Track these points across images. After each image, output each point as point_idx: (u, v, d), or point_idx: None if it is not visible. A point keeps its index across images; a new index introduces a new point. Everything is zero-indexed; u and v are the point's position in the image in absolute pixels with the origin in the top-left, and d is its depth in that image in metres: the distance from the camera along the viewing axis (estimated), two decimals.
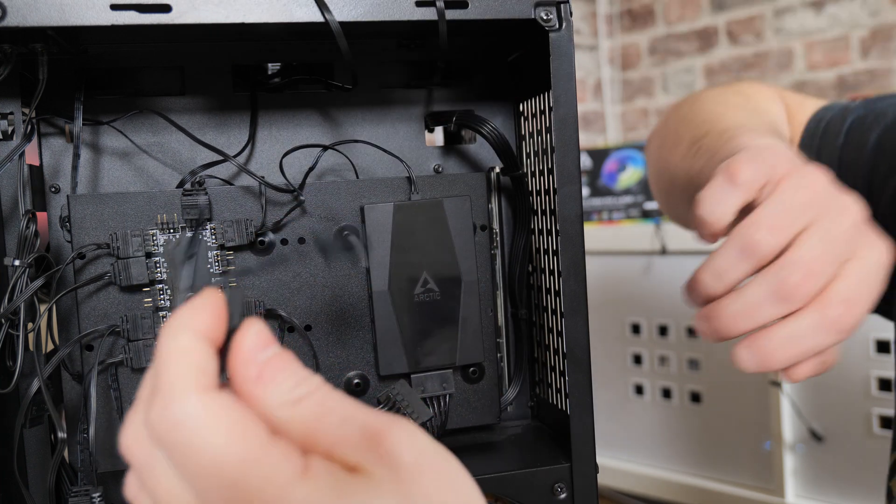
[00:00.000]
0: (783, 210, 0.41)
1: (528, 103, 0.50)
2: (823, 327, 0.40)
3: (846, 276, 0.41)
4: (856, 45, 2.07)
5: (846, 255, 0.41)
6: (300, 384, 0.27)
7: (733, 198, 0.42)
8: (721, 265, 0.42)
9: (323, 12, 0.40)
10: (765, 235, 0.40)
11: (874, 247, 0.42)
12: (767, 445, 1.54)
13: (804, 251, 0.40)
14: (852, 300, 0.40)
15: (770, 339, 0.41)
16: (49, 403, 0.40)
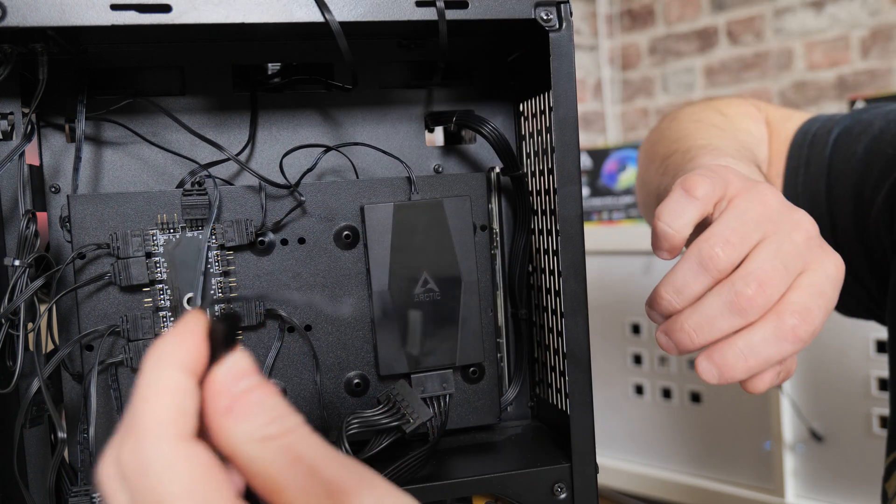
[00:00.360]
0: (738, 225, 0.42)
1: (528, 103, 0.50)
2: (780, 337, 0.41)
3: (800, 287, 0.42)
4: (856, 45, 2.07)
5: (799, 268, 0.42)
6: (273, 422, 0.26)
7: (691, 211, 0.43)
8: (680, 280, 0.43)
9: (323, 12, 0.40)
10: (722, 249, 0.41)
11: (826, 259, 0.43)
12: (767, 445, 1.54)
13: (757, 264, 0.41)
14: (807, 310, 0.41)
15: (728, 351, 0.42)
16: (49, 403, 0.40)
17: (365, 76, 0.50)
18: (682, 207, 0.43)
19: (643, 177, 0.70)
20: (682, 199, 0.43)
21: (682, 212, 0.43)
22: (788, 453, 1.51)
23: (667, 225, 0.43)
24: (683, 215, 0.43)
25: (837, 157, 0.63)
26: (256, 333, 0.46)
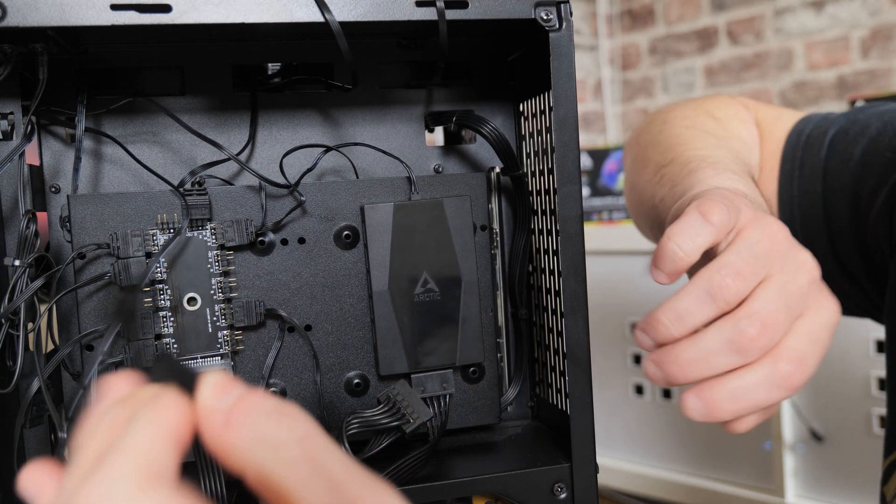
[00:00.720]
0: (749, 257, 0.41)
1: (528, 103, 0.50)
2: (773, 383, 0.40)
3: (798, 332, 0.41)
4: (856, 45, 2.07)
5: (799, 311, 0.41)
6: (282, 424, 0.24)
7: (705, 236, 0.42)
8: (684, 307, 0.41)
9: (323, 12, 0.40)
10: (733, 280, 0.40)
11: (825, 306, 0.42)
12: (767, 445, 1.54)
13: (762, 304, 0.40)
14: (802, 358, 0.40)
15: (719, 391, 0.40)
16: (49, 403, 0.40)
17: (365, 76, 0.50)
18: (695, 231, 0.41)
19: (633, 182, 0.69)
20: (698, 222, 0.42)
21: (696, 236, 0.41)
22: (788, 453, 1.51)
23: (678, 247, 0.42)
24: (696, 239, 0.41)
25: (834, 159, 0.63)
26: (256, 333, 0.46)
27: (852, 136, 0.63)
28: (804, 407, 1.49)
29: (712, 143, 0.61)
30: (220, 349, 0.45)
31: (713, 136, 0.63)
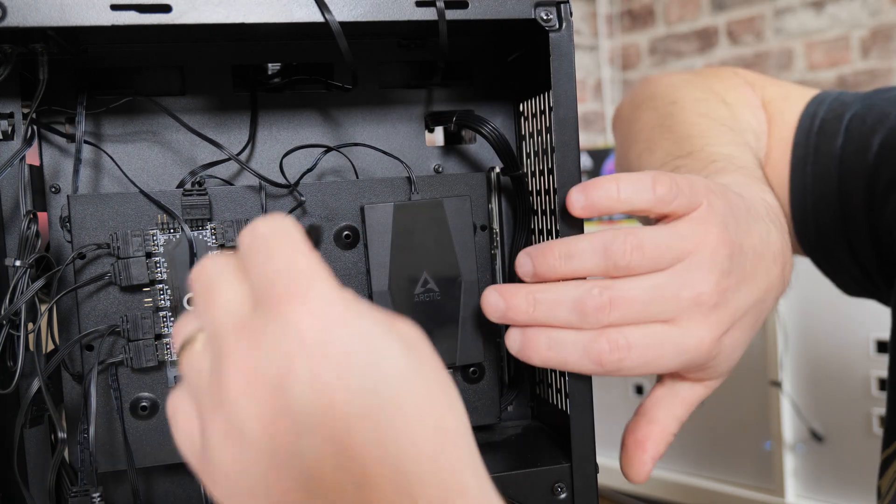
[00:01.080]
0: (661, 242, 0.41)
1: (528, 103, 0.50)
2: (586, 352, 0.40)
3: (644, 330, 0.41)
4: (856, 45, 2.07)
5: (664, 317, 0.41)
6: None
7: (643, 198, 0.41)
8: (577, 248, 0.41)
9: (323, 12, 0.40)
10: (630, 252, 0.40)
11: (695, 334, 0.41)
12: (767, 445, 1.54)
13: (628, 286, 0.40)
14: (626, 347, 0.40)
15: (539, 333, 0.41)
16: (49, 403, 0.40)
17: (365, 76, 0.50)
18: (639, 189, 0.41)
19: (631, 161, 0.66)
20: (646, 183, 0.41)
21: (636, 192, 0.41)
22: (788, 453, 1.51)
23: (616, 187, 0.41)
24: (634, 196, 0.41)
25: (850, 147, 0.61)
26: None
27: (870, 124, 0.61)
28: (804, 407, 1.49)
29: (731, 138, 0.60)
30: None
31: (729, 128, 0.62)
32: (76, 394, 0.45)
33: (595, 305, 0.40)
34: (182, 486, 0.48)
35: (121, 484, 0.46)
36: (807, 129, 0.64)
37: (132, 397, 0.44)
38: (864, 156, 0.60)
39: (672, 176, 0.42)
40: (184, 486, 0.48)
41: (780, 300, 0.50)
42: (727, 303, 0.42)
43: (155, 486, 0.47)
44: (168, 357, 0.44)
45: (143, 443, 0.45)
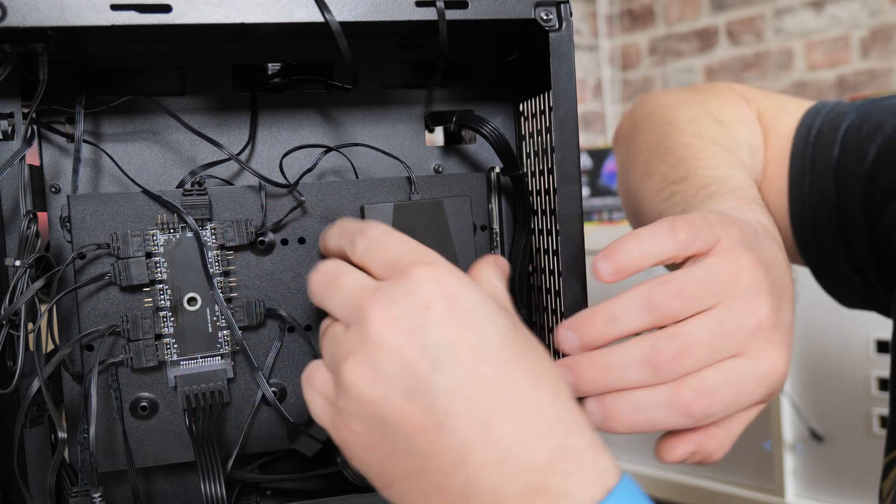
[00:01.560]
0: (700, 281, 0.40)
1: (528, 103, 0.50)
2: (672, 406, 0.39)
3: (719, 368, 0.40)
4: (856, 45, 2.07)
5: (732, 352, 0.40)
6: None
7: (664, 246, 0.41)
8: (621, 310, 0.40)
9: (323, 12, 0.40)
10: (675, 298, 0.40)
11: (766, 358, 0.40)
12: (767, 445, 1.54)
13: (692, 329, 0.39)
14: (709, 392, 0.39)
15: (619, 401, 0.40)
16: (49, 404, 0.40)
17: (365, 76, 0.50)
18: (660, 240, 0.41)
19: (631, 186, 0.66)
20: (665, 233, 0.41)
21: (658, 245, 0.41)
22: (788, 453, 1.51)
23: (637, 244, 0.41)
24: (658, 248, 0.41)
25: (847, 156, 0.61)
26: (256, 333, 0.46)
27: (866, 133, 0.61)
28: (804, 407, 1.49)
29: (724, 158, 0.60)
30: (221, 349, 0.45)
31: (723, 147, 0.62)
32: (76, 394, 0.45)
33: (667, 357, 0.39)
34: (182, 487, 0.48)
35: (121, 484, 0.46)
36: (803, 141, 0.64)
37: (132, 397, 0.44)
38: (861, 164, 0.60)
39: (688, 218, 0.42)
40: (183, 486, 0.48)
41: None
42: (782, 321, 0.42)
43: (154, 486, 0.47)
44: (168, 357, 0.44)
45: (142, 443, 0.45)
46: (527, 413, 0.32)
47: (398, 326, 0.32)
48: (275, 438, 0.47)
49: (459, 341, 0.32)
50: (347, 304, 0.35)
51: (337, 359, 0.34)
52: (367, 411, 0.33)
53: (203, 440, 0.43)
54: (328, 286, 0.37)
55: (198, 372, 0.45)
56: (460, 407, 0.31)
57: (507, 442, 0.31)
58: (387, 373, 0.32)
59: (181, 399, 0.44)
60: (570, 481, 0.31)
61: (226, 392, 0.45)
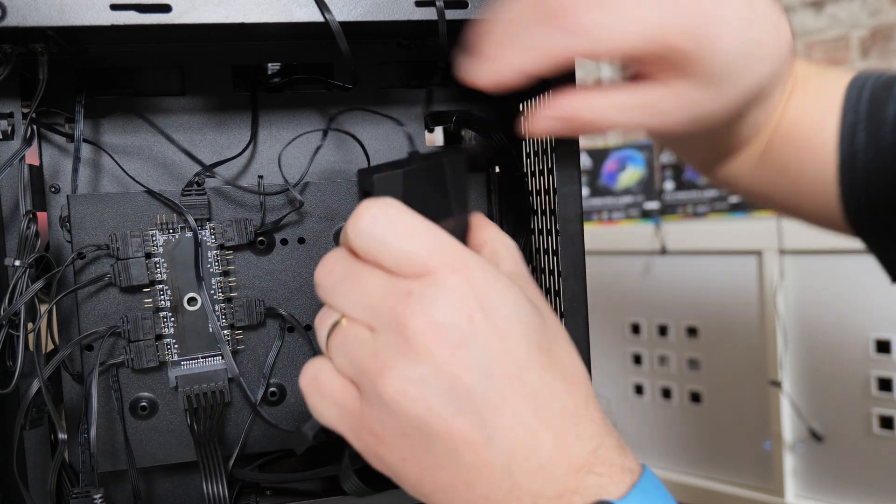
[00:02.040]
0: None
1: (529, 103, 0.50)
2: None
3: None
4: (856, 45, 2.07)
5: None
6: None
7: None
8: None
9: (323, 12, 0.40)
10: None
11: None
12: (767, 445, 1.54)
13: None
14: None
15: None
16: (49, 405, 0.40)
17: (365, 76, 0.50)
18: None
19: None
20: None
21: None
22: (788, 453, 1.51)
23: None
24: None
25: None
26: (257, 333, 0.46)
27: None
28: (804, 407, 1.49)
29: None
30: (221, 349, 0.45)
31: None
32: (76, 394, 0.45)
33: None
34: (181, 486, 0.48)
35: (120, 484, 0.46)
36: (855, 99, 0.59)
37: (132, 397, 0.44)
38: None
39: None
40: (182, 486, 0.48)
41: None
42: None
43: (154, 486, 0.47)
44: (169, 357, 0.44)
45: (142, 443, 0.44)
46: (566, 418, 0.32)
47: (443, 340, 0.31)
48: (275, 438, 0.47)
49: (503, 352, 0.31)
50: (373, 309, 0.32)
51: (368, 369, 0.32)
52: (409, 426, 0.32)
53: (205, 440, 0.43)
54: (340, 285, 0.34)
55: (199, 372, 0.45)
56: (508, 419, 0.31)
57: (549, 447, 0.32)
58: (433, 388, 0.31)
59: (182, 399, 0.44)
60: (602, 481, 0.32)
61: (227, 392, 0.45)
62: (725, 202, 1.89)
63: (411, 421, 0.31)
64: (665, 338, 1.69)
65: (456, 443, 0.31)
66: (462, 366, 0.31)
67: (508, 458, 0.31)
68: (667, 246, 1.65)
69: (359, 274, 0.33)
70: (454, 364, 0.31)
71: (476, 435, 0.31)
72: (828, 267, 1.44)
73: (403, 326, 0.31)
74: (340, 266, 0.34)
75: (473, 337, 0.31)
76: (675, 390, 1.69)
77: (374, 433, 0.33)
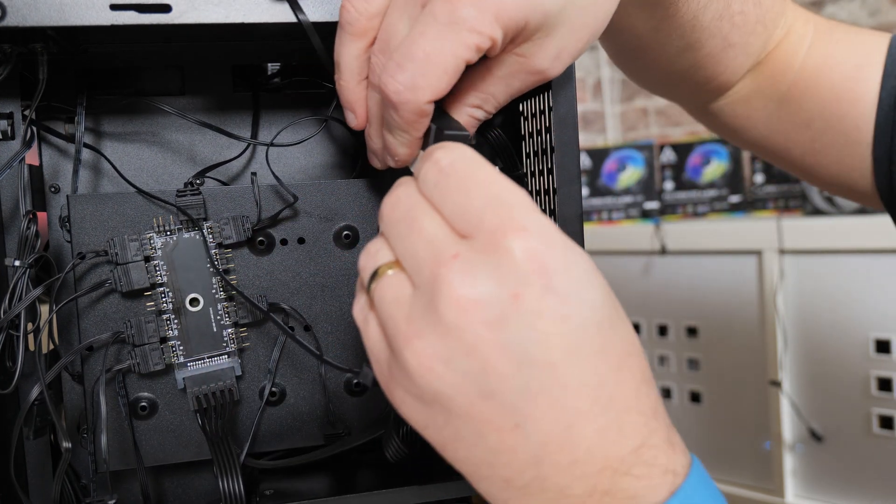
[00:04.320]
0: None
1: (528, 103, 0.50)
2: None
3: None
4: None
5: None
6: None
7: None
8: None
9: (295, 12, 0.40)
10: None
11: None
12: (767, 445, 1.54)
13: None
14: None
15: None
16: (53, 414, 0.40)
17: None
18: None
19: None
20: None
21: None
22: (788, 453, 1.51)
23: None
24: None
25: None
26: (261, 329, 0.46)
27: None
28: (804, 407, 1.49)
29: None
30: (227, 347, 0.45)
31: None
32: (76, 394, 0.45)
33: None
34: (181, 486, 0.48)
35: (121, 484, 0.46)
36: (893, 65, 0.54)
37: (132, 397, 0.44)
38: None
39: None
40: (183, 486, 0.48)
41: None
42: None
43: (153, 487, 0.47)
44: (175, 359, 0.44)
45: (142, 443, 0.44)
46: (609, 412, 0.29)
47: (479, 315, 0.27)
48: (282, 435, 0.47)
49: (549, 336, 0.28)
50: (420, 260, 0.29)
51: (399, 332, 0.29)
52: (432, 399, 0.29)
53: (217, 438, 0.43)
54: (400, 223, 0.30)
55: (206, 372, 0.45)
56: (542, 411, 0.28)
57: (587, 444, 0.28)
58: (461, 368, 0.28)
59: (192, 400, 0.44)
60: (639, 485, 0.29)
61: (235, 390, 0.45)
62: (725, 202, 1.89)
63: (435, 395, 0.29)
64: (665, 338, 1.69)
65: (480, 425, 0.29)
66: (497, 348, 0.27)
67: (539, 450, 0.28)
68: (667, 246, 1.65)
69: (419, 218, 0.30)
70: (488, 345, 0.27)
71: (503, 421, 0.28)
72: (828, 267, 1.44)
73: (438, 290, 0.28)
74: (405, 202, 0.31)
75: (516, 317, 0.27)
76: (675, 390, 1.69)
77: (399, 398, 0.31)
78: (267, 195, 0.45)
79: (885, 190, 0.55)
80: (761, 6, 0.53)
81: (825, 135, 0.55)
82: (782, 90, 0.56)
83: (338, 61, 0.37)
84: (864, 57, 0.54)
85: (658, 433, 0.30)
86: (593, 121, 2.57)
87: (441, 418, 0.29)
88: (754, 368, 1.54)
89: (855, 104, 0.54)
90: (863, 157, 0.55)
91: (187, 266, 0.44)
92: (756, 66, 0.56)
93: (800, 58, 0.55)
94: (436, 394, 0.29)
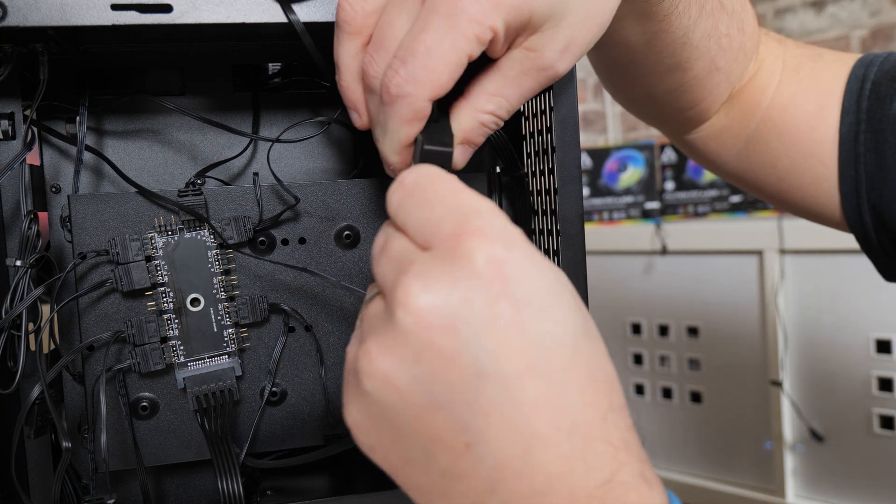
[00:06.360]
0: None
1: (529, 103, 0.50)
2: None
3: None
4: (856, 45, 2.07)
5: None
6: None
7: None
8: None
9: (286, 13, 0.40)
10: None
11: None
12: (767, 445, 1.54)
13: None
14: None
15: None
16: (54, 413, 0.40)
17: None
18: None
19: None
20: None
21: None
22: (788, 453, 1.51)
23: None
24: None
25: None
26: (261, 329, 0.46)
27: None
28: (804, 407, 1.49)
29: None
30: (227, 347, 0.45)
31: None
32: (76, 394, 0.45)
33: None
34: (181, 486, 0.48)
35: (121, 485, 0.46)
36: (857, 93, 0.54)
37: (132, 397, 0.44)
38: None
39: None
40: (183, 485, 0.48)
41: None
42: None
43: (153, 487, 0.47)
44: (175, 359, 0.44)
45: (142, 443, 0.44)
46: (573, 438, 0.26)
47: (430, 319, 0.26)
48: (283, 436, 0.47)
49: (507, 346, 0.26)
50: (387, 278, 0.29)
51: (360, 340, 0.29)
52: (378, 412, 0.28)
53: (217, 438, 0.43)
54: (380, 250, 0.30)
55: (206, 372, 0.45)
56: (496, 429, 0.26)
57: (547, 473, 0.26)
58: (410, 373, 0.27)
59: (192, 400, 0.44)
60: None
61: (235, 390, 0.45)
62: (726, 202, 1.88)
63: (382, 407, 0.27)
64: (666, 338, 1.69)
65: (429, 443, 0.27)
66: (447, 354, 0.26)
67: (494, 476, 0.26)
68: (667, 246, 1.65)
69: (388, 243, 0.30)
70: (437, 351, 0.26)
71: (453, 438, 0.26)
72: (828, 267, 1.44)
73: (394, 301, 0.27)
74: (382, 232, 0.31)
75: (467, 323, 0.26)
76: (676, 390, 1.69)
77: (351, 413, 0.29)
78: (268, 195, 0.45)
79: (855, 225, 0.56)
80: (744, 33, 0.53)
81: (791, 173, 0.56)
82: (751, 128, 0.57)
83: (337, 61, 0.37)
84: (825, 96, 0.55)
85: (629, 467, 0.27)
86: (594, 121, 2.57)
87: (388, 435, 0.28)
88: (755, 368, 1.54)
89: (820, 143, 0.54)
90: (830, 194, 0.55)
91: (188, 266, 0.44)
92: (729, 101, 0.57)
93: (768, 97, 0.56)
94: (383, 405, 0.27)
